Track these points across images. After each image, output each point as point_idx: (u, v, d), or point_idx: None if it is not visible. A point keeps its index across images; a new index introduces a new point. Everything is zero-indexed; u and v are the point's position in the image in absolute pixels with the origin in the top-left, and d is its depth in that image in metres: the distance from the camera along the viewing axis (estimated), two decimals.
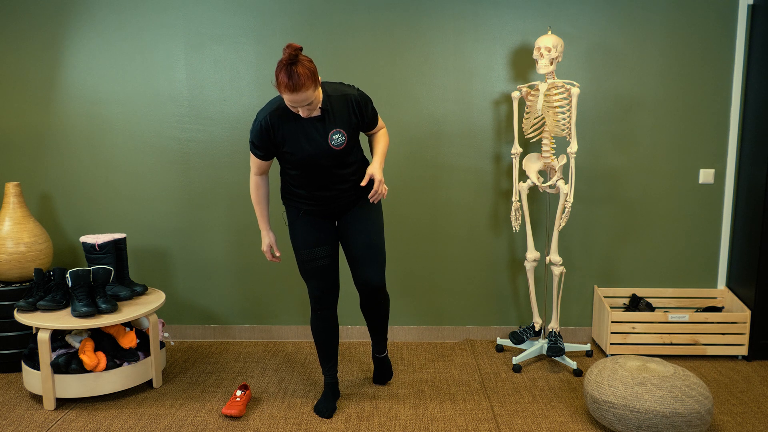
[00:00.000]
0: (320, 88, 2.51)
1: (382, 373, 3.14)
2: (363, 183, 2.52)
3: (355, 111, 2.60)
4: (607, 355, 3.46)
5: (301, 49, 2.33)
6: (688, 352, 3.43)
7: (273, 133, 2.55)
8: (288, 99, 2.37)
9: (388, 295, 2.99)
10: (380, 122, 2.78)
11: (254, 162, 2.68)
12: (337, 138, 2.56)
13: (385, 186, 2.60)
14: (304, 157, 2.58)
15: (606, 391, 2.61)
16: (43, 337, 2.84)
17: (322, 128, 2.55)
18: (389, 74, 3.52)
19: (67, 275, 3.02)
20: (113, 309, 2.98)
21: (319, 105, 2.50)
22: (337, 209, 2.76)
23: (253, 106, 3.55)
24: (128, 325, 3.21)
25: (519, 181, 3.43)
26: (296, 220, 2.76)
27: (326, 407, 2.85)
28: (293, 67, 2.31)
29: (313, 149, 2.55)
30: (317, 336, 2.86)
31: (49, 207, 3.68)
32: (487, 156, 3.58)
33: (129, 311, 3.03)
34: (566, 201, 3.19)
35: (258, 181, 2.74)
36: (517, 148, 3.32)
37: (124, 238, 3.28)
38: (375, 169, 2.57)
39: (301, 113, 2.44)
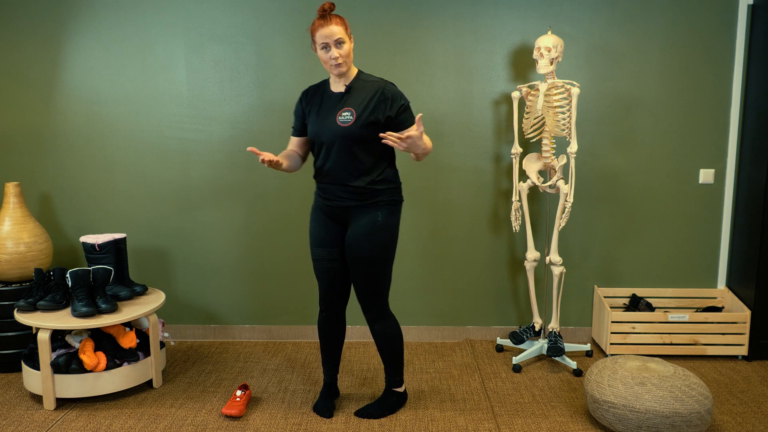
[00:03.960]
0: (352, 60, 2.59)
1: (375, 407, 2.85)
2: (404, 134, 2.38)
3: (378, 98, 2.54)
4: (607, 355, 3.46)
5: (334, 6, 2.53)
6: (688, 352, 3.43)
7: (305, 101, 2.69)
8: (320, 35, 2.49)
9: (394, 320, 2.76)
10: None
11: (290, 143, 2.81)
12: (345, 115, 2.56)
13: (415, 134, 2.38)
14: (314, 130, 2.63)
15: (606, 391, 2.61)
16: (43, 337, 2.84)
17: (338, 105, 2.59)
18: (389, 74, 3.52)
19: (67, 275, 3.02)
20: (113, 309, 2.98)
21: (347, 82, 2.60)
22: (341, 212, 2.66)
23: (253, 106, 3.55)
24: (128, 325, 3.21)
25: (519, 181, 3.43)
26: (312, 213, 2.79)
27: (324, 406, 2.84)
28: (327, 11, 2.52)
29: (322, 122, 2.60)
30: (320, 335, 2.85)
31: (49, 207, 3.68)
32: (487, 156, 3.58)
33: (129, 311, 3.03)
34: (566, 201, 3.19)
35: (290, 150, 2.78)
36: (517, 148, 3.32)
37: (124, 238, 3.28)
38: (416, 130, 2.41)
39: (332, 55, 2.50)
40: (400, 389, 2.88)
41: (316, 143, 2.64)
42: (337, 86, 2.63)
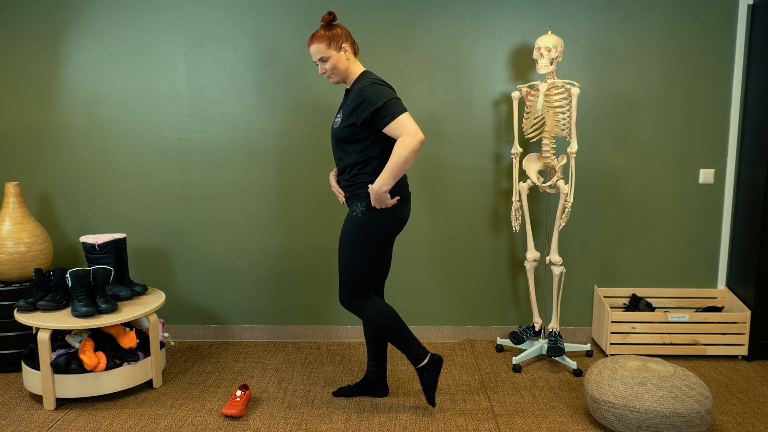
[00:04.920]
0: (347, 66, 2.68)
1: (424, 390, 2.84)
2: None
3: (356, 102, 2.58)
4: (607, 355, 3.46)
5: (332, 16, 2.64)
6: (688, 352, 3.43)
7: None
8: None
9: (370, 309, 2.73)
10: (398, 130, 2.52)
11: None
12: (337, 118, 2.72)
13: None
14: None
15: (606, 391, 2.61)
16: (43, 337, 2.84)
17: (341, 107, 2.74)
18: (389, 74, 3.52)
19: (67, 275, 3.02)
20: (113, 309, 2.98)
21: (348, 85, 2.73)
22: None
23: (253, 106, 3.55)
24: (128, 325, 3.21)
25: (519, 181, 3.43)
26: None
27: (342, 388, 3.02)
28: (321, 27, 2.67)
29: (331, 124, 2.81)
30: None
31: (49, 207, 3.68)
32: (487, 156, 3.58)
33: (129, 311, 3.03)
34: (566, 201, 3.19)
35: None
36: (517, 148, 3.32)
37: (124, 238, 3.28)
38: (370, 188, 2.59)
39: (319, 70, 2.71)
40: (424, 362, 2.74)
41: None
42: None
